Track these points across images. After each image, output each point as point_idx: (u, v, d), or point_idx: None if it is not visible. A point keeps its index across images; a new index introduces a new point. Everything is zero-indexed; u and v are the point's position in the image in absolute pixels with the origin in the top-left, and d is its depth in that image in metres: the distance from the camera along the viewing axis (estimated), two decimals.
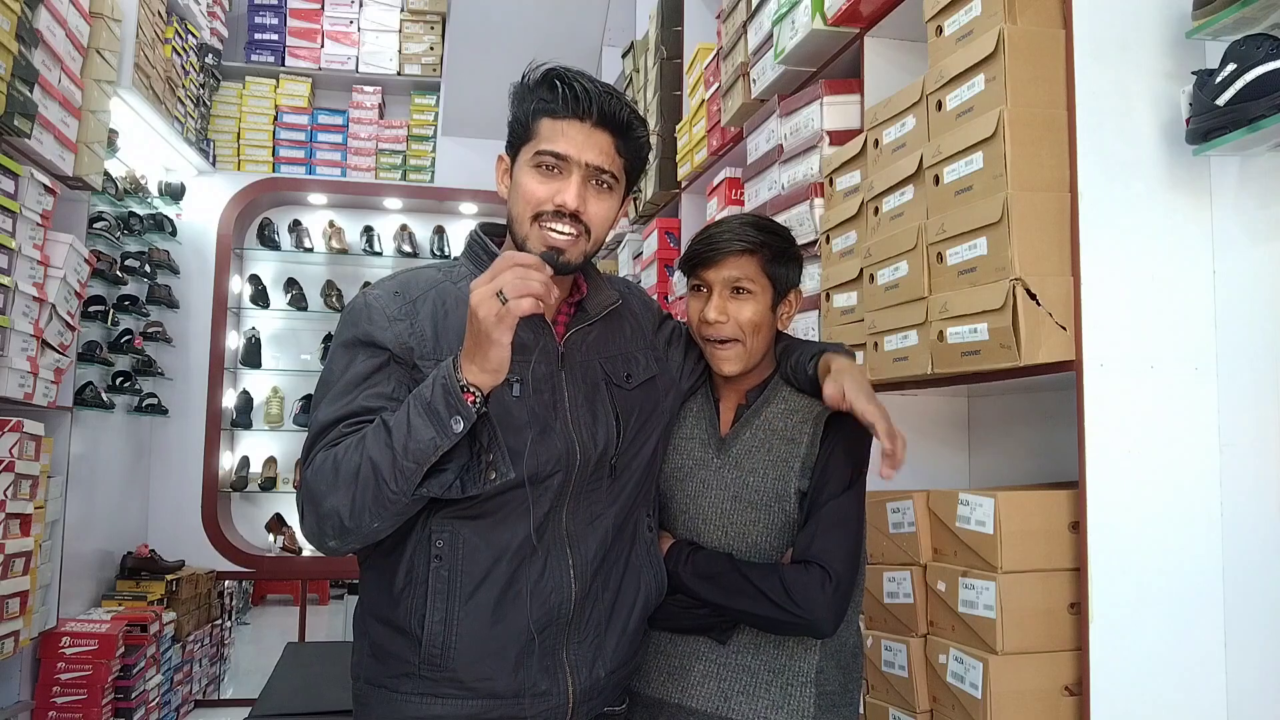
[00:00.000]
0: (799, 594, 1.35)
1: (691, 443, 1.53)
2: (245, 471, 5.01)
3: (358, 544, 1.28)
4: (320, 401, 1.32)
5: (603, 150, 1.31)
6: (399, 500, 1.21)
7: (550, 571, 1.33)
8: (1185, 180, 1.53)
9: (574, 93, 1.29)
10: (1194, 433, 1.51)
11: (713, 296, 1.47)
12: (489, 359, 1.17)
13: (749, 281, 1.47)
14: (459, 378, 1.19)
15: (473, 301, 1.15)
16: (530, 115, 1.32)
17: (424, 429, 1.19)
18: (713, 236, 1.49)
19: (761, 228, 1.50)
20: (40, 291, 2.81)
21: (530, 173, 1.31)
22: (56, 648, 3.33)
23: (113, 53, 3.38)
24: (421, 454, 1.19)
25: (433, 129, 5.34)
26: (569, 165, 1.30)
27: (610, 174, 1.33)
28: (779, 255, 1.49)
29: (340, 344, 1.34)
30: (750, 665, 1.45)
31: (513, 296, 1.14)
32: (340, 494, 1.22)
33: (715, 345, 1.48)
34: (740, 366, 1.49)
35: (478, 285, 1.16)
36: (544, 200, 1.29)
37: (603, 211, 1.33)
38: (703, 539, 1.49)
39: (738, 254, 1.47)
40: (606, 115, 1.30)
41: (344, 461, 1.23)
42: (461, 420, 1.18)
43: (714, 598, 1.42)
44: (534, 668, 1.33)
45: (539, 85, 1.32)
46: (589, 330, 1.42)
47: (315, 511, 1.25)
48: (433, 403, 1.19)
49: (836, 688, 1.47)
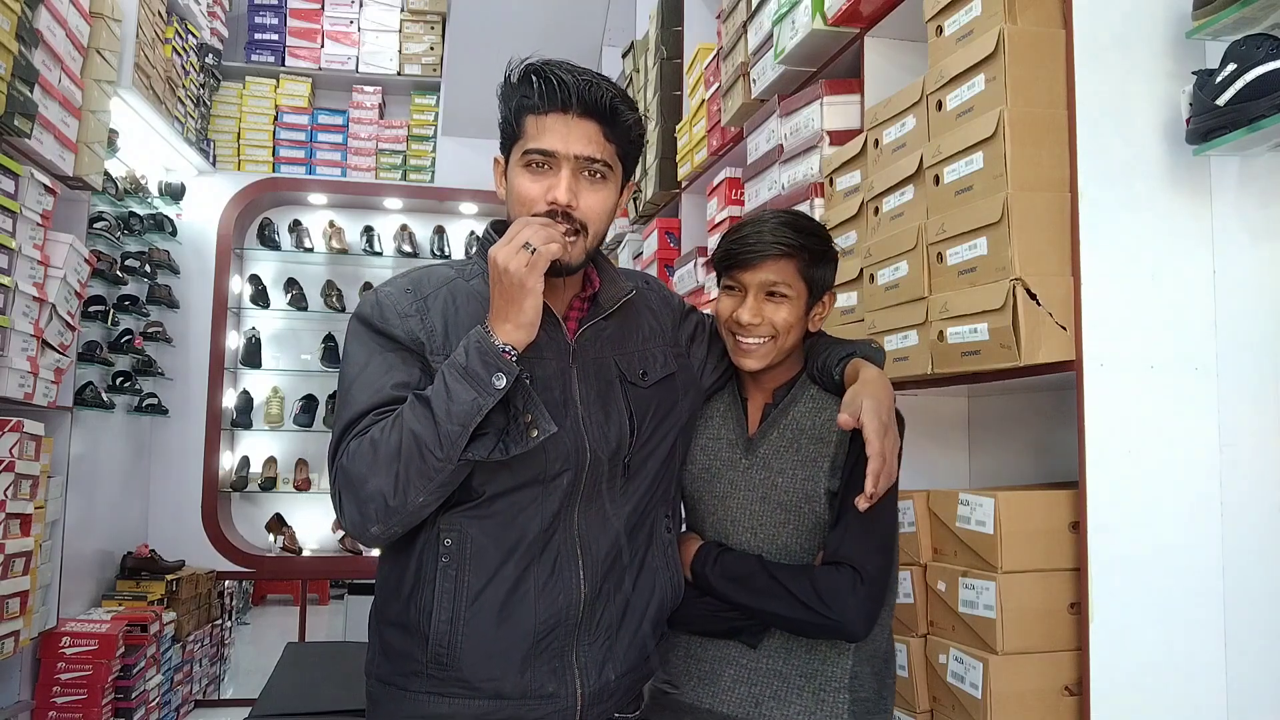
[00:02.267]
0: (829, 596, 1.33)
1: (719, 443, 1.51)
2: (245, 471, 5.01)
3: (400, 527, 1.27)
4: (345, 395, 1.32)
5: (590, 139, 1.29)
6: (444, 468, 1.21)
7: (559, 572, 1.33)
8: (1185, 180, 1.53)
9: (552, 85, 1.27)
10: (1194, 433, 1.50)
11: (748, 299, 1.44)
12: (524, 311, 1.20)
13: (785, 286, 1.43)
14: (493, 338, 1.21)
15: (500, 260, 1.19)
16: (515, 114, 1.31)
17: (464, 392, 1.20)
18: (749, 237, 1.44)
19: (800, 229, 1.45)
20: (40, 291, 2.81)
21: (521, 173, 1.30)
22: (56, 648, 3.33)
23: (113, 53, 3.38)
24: (465, 415, 1.20)
25: (433, 129, 5.34)
26: (557, 160, 1.28)
27: (602, 162, 1.30)
28: (817, 258, 1.46)
29: (356, 341, 1.35)
30: (782, 670, 1.42)
31: (541, 244, 1.19)
32: (382, 474, 1.22)
33: (741, 341, 1.46)
34: (763, 364, 1.46)
35: (499, 248, 1.20)
36: (537, 199, 1.28)
37: (597, 203, 1.31)
38: (731, 541, 1.46)
39: (775, 257, 1.43)
40: (588, 103, 1.28)
41: (382, 441, 1.23)
42: (504, 376, 1.20)
43: (742, 600, 1.40)
44: (541, 669, 1.32)
45: (520, 82, 1.31)
46: (603, 326, 1.41)
47: (356, 497, 1.25)
48: (470, 366, 1.20)
49: (871, 694, 1.43)
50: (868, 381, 1.36)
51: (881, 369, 1.45)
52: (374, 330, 1.33)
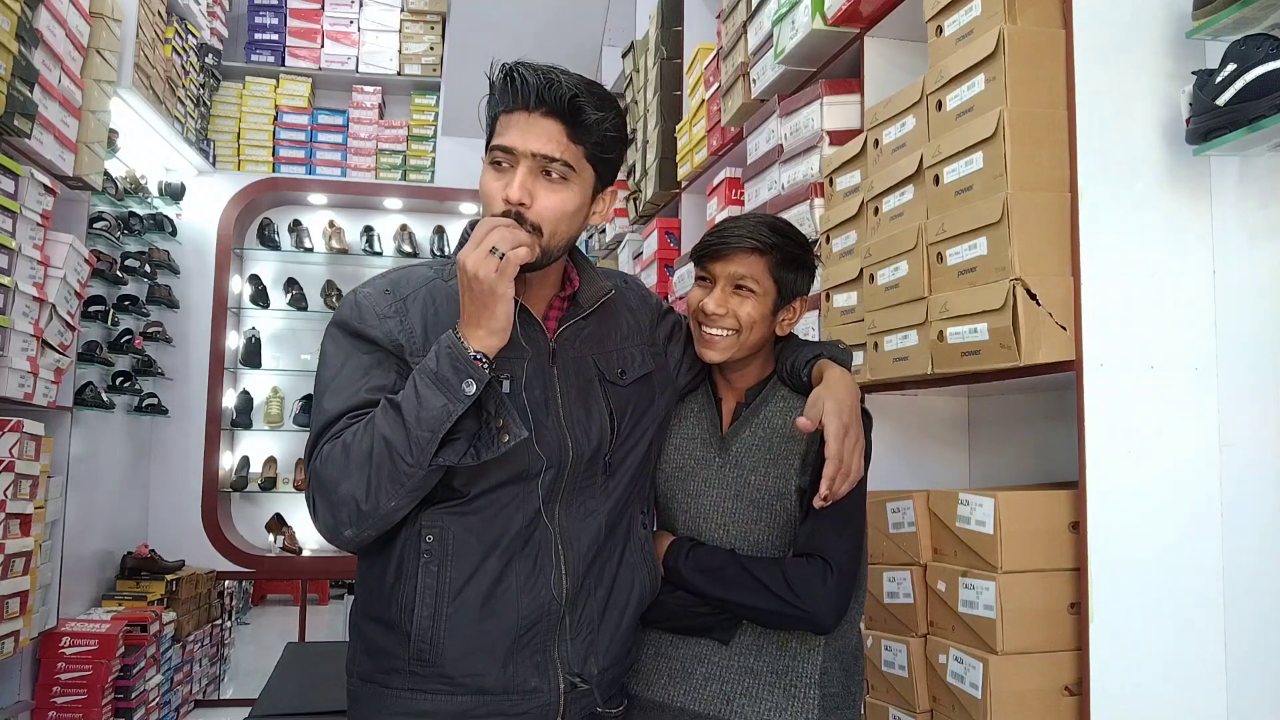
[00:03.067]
0: (800, 586, 1.35)
1: (693, 442, 1.53)
2: (245, 471, 5.01)
3: (374, 530, 1.27)
4: (321, 398, 1.32)
5: (550, 138, 1.27)
6: (415, 473, 1.21)
7: (541, 568, 1.33)
8: (1185, 180, 1.53)
9: (514, 84, 1.27)
10: (1194, 433, 1.50)
11: (715, 289, 1.47)
12: (496, 317, 1.19)
13: (753, 281, 1.46)
14: (465, 345, 1.20)
15: (470, 266, 1.17)
16: (490, 116, 1.32)
17: (434, 398, 1.19)
18: (726, 230, 1.49)
19: (777, 230, 1.49)
20: (40, 291, 2.81)
21: (487, 170, 1.31)
22: (56, 648, 3.32)
23: (113, 53, 3.38)
24: (435, 421, 1.19)
25: (433, 129, 5.35)
26: (515, 158, 1.27)
27: (561, 162, 1.27)
28: (789, 260, 1.48)
29: (333, 341, 1.35)
30: (753, 667, 1.44)
31: (509, 248, 1.17)
32: (354, 478, 1.22)
33: (705, 331, 1.48)
34: (724, 357, 1.48)
35: (467, 253, 1.18)
36: (495, 196, 1.28)
37: (554, 203, 1.28)
38: (704, 538, 1.48)
39: (747, 251, 1.46)
40: (549, 101, 1.26)
41: (354, 445, 1.23)
42: (474, 383, 1.19)
43: (714, 591, 1.42)
44: (524, 664, 1.32)
45: (497, 83, 1.31)
46: (582, 325, 1.41)
47: (328, 501, 1.25)
48: (440, 372, 1.20)
49: (839, 689, 1.46)
50: (831, 383, 1.37)
51: (848, 369, 1.47)
52: (351, 333, 1.33)
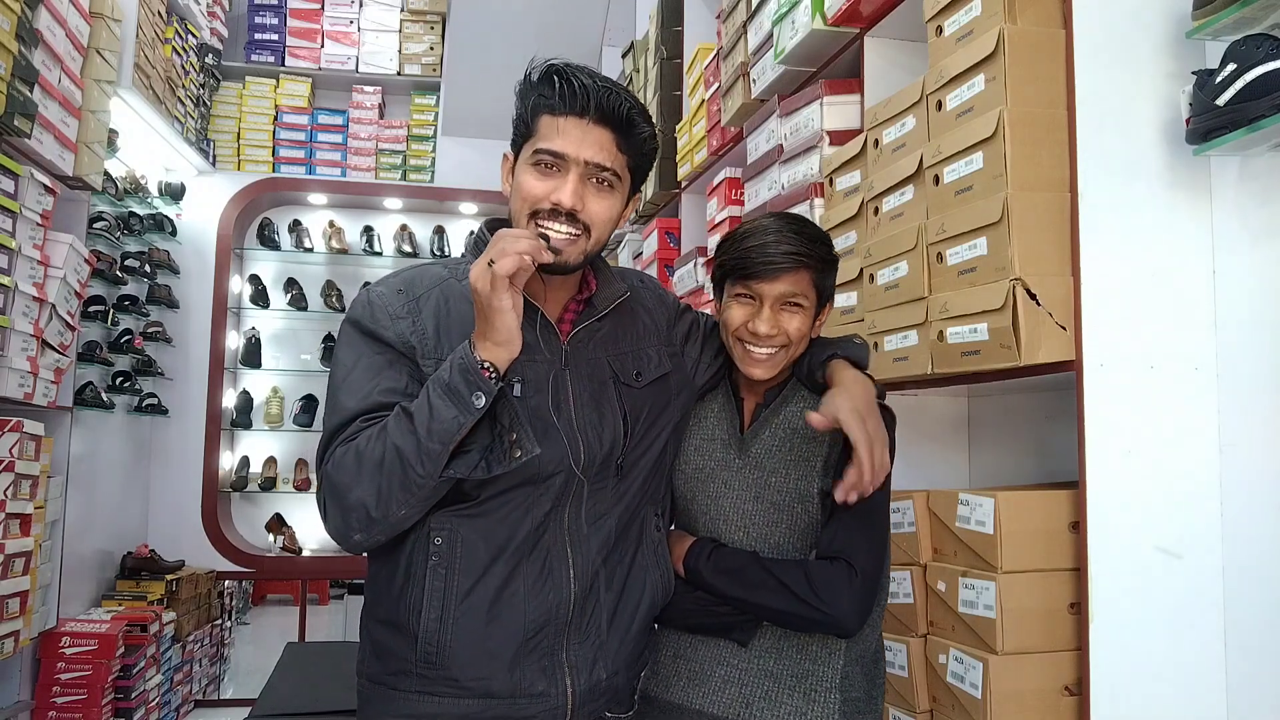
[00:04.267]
0: (824, 589, 1.33)
1: (713, 444, 1.50)
2: (245, 471, 5.01)
3: (384, 536, 1.27)
4: (333, 399, 1.31)
5: (602, 147, 1.29)
6: (426, 484, 1.21)
7: (550, 571, 1.33)
8: (1185, 180, 1.53)
9: (572, 89, 1.27)
10: (1194, 433, 1.50)
11: (764, 309, 1.42)
12: (497, 330, 1.19)
13: (802, 297, 1.43)
14: (475, 356, 1.20)
15: (471, 279, 1.18)
16: (531, 112, 1.31)
17: (445, 409, 1.19)
18: (767, 247, 1.41)
19: (811, 238, 1.44)
20: (40, 291, 2.81)
21: (529, 170, 1.30)
22: (56, 648, 3.33)
23: (113, 53, 3.38)
24: (445, 433, 1.19)
25: (433, 129, 5.34)
26: (566, 163, 1.28)
27: (611, 171, 1.30)
28: (828, 266, 1.46)
29: (346, 340, 1.34)
30: (773, 670, 1.41)
31: (498, 259, 1.17)
32: (365, 485, 1.22)
33: (752, 351, 1.44)
34: (773, 373, 1.45)
35: (475, 266, 1.19)
36: (540, 198, 1.28)
37: (603, 211, 1.31)
38: (724, 540, 1.46)
39: (794, 270, 1.41)
40: (606, 111, 1.28)
41: (366, 452, 1.23)
42: (483, 395, 1.19)
43: (735, 592, 1.39)
44: (531, 668, 1.32)
45: (540, 81, 1.30)
46: (597, 327, 1.40)
47: (340, 505, 1.25)
48: (452, 383, 1.19)
49: (861, 694, 1.43)
50: (843, 384, 1.36)
51: (866, 363, 1.46)
52: (364, 332, 1.33)
